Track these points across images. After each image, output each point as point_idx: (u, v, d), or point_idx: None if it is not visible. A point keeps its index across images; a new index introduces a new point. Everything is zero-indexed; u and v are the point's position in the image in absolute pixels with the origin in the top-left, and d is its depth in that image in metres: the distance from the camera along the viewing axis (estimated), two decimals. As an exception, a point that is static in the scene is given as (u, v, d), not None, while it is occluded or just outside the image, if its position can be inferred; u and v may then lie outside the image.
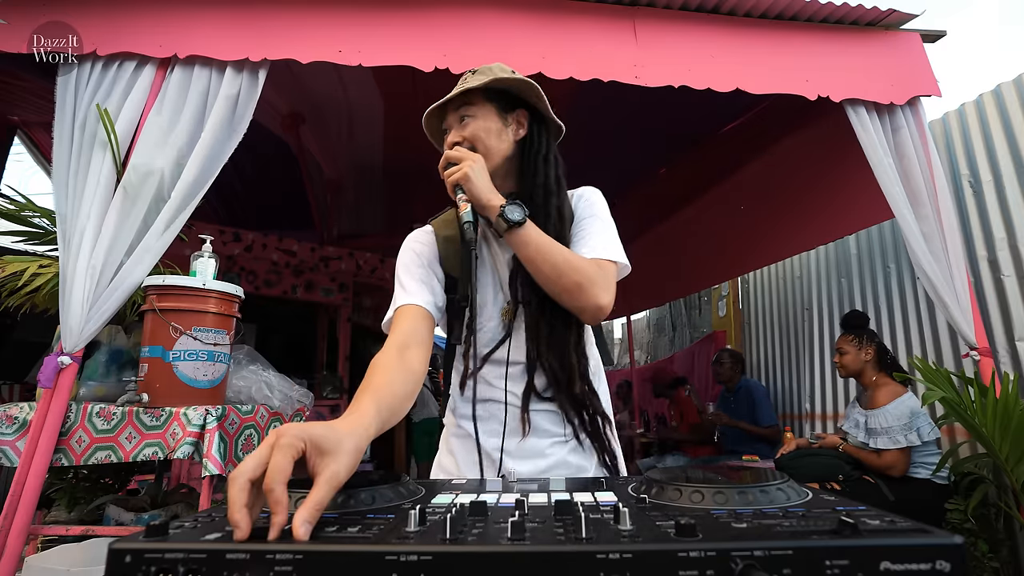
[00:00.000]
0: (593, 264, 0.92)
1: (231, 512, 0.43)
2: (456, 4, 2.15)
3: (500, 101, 1.00)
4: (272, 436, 0.49)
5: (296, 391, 2.11)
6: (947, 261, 2.22)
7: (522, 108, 1.02)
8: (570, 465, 0.95)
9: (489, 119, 0.98)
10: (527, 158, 1.00)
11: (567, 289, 0.90)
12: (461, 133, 0.98)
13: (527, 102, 1.02)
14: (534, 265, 0.90)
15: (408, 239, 1.06)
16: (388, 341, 0.89)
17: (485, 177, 0.93)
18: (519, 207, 0.90)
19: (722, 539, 0.39)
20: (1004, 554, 2.33)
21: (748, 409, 3.59)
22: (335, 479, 0.49)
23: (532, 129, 1.01)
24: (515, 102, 1.01)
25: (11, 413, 1.65)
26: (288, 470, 0.47)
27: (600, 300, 0.89)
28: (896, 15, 2.37)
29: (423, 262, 1.01)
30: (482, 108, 0.98)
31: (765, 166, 3.62)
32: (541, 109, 1.02)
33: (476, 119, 0.98)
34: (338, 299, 4.87)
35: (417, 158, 4.09)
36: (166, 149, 1.89)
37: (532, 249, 0.90)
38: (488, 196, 0.92)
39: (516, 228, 0.89)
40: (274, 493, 0.45)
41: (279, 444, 0.48)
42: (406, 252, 1.03)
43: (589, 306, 0.90)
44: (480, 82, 0.96)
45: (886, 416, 2.36)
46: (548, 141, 1.02)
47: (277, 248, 4.50)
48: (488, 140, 0.97)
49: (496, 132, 0.98)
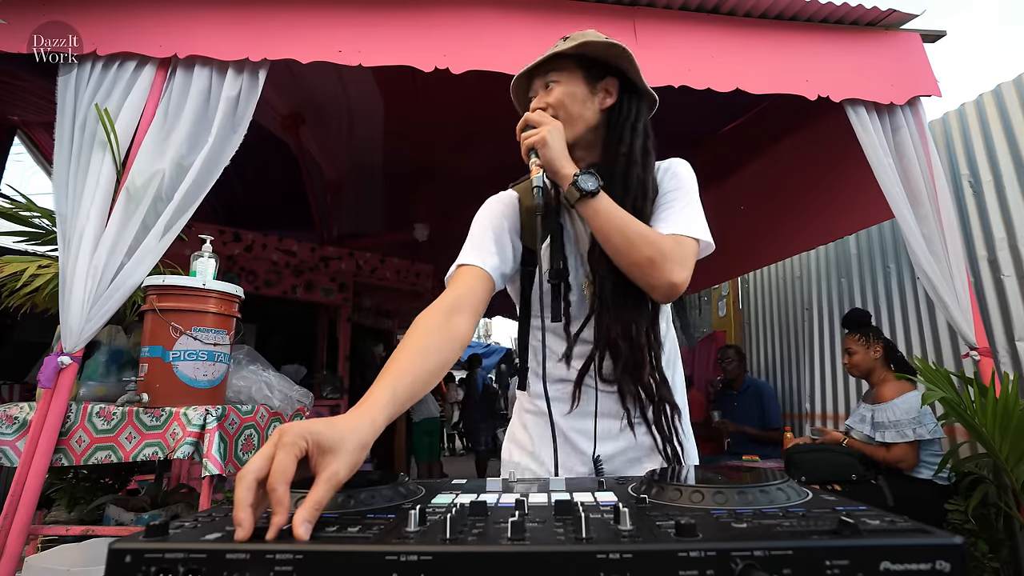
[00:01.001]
0: (670, 239, 0.87)
1: (236, 511, 0.43)
2: (456, 4, 2.15)
3: (589, 68, 0.96)
4: (276, 435, 0.49)
5: (296, 391, 2.11)
6: (947, 261, 2.22)
7: (612, 76, 0.97)
8: (639, 449, 0.94)
9: (575, 85, 0.95)
10: (612, 126, 0.96)
11: (638, 263, 0.85)
12: (545, 99, 0.95)
13: (619, 69, 0.97)
14: (604, 236, 0.87)
15: (491, 199, 1.02)
16: (440, 299, 0.84)
17: (562, 144, 0.90)
18: (593, 176, 0.86)
19: (722, 539, 0.39)
20: (1004, 554, 2.33)
21: (756, 410, 3.52)
22: (334, 478, 0.49)
23: (622, 97, 0.97)
24: (605, 69, 0.97)
25: (11, 413, 1.65)
26: (291, 469, 0.47)
27: (673, 277, 0.84)
28: (896, 15, 2.37)
29: (503, 226, 0.97)
30: (569, 74, 0.95)
31: (765, 166, 3.62)
32: (633, 77, 0.97)
33: (561, 84, 0.95)
34: (338, 299, 4.87)
35: (417, 158, 4.10)
36: (167, 150, 1.88)
37: (603, 219, 0.86)
38: (562, 163, 0.89)
39: (588, 198, 0.86)
40: (276, 493, 0.45)
41: (282, 443, 0.48)
42: (486, 210, 0.99)
43: (661, 283, 0.85)
44: (568, 46, 0.93)
45: (894, 410, 2.36)
46: (638, 109, 0.98)
47: (277, 248, 4.50)
48: (572, 107, 0.94)
49: (581, 99, 0.95)
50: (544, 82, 0.97)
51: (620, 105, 0.97)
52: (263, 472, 0.46)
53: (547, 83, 0.96)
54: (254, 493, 0.45)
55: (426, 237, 4.88)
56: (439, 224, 4.95)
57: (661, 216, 0.93)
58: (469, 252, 0.92)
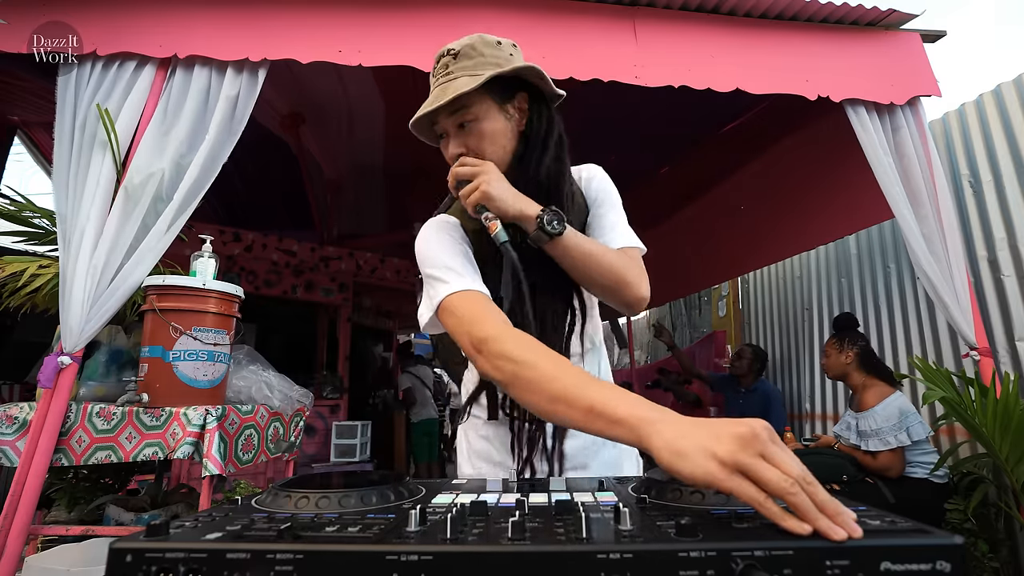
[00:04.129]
0: (624, 256, 0.88)
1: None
2: (456, 4, 2.15)
3: (498, 91, 0.87)
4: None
5: (296, 391, 2.11)
6: (947, 261, 2.22)
7: (521, 91, 0.89)
8: (595, 440, 0.93)
9: (492, 118, 0.87)
10: (531, 143, 0.89)
11: (610, 288, 0.87)
12: (464, 142, 0.88)
13: (526, 81, 0.90)
14: (575, 269, 0.86)
15: (440, 225, 0.93)
16: (498, 319, 0.77)
17: (505, 186, 0.84)
18: (556, 216, 0.82)
19: (723, 539, 0.39)
20: (1004, 554, 2.33)
21: (761, 413, 3.49)
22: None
23: (532, 112, 0.90)
24: (512, 85, 0.88)
25: (11, 413, 1.65)
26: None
27: (642, 291, 0.87)
28: (896, 15, 2.37)
29: (467, 252, 0.90)
30: (481, 106, 0.86)
31: (765, 166, 3.62)
32: (543, 88, 0.90)
33: (478, 122, 0.86)
34: (338, 299, 4.88)
35: (417, 158, 4.10)
36: (167, 150, 1.89)
37: (573, 254, 0.84)
38: (519, 207, 0.83)
39: (556, 238, 0.82)
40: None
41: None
42: (446, 237, 0.90)
43: (634, 300, 0.87)
44: (472, 83, 0.82)
45: (875, 418, 2.37)
46: (549, 118, 0.91)
47: (277, 248, 4.51)
48: (495, 144, 0.88)
49: (502, 131, 0.88)
50: (454, 121, 0.87)
51: (531, 119, 0.90)
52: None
53: (459, 122, 0.87)
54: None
55: (425, 235, 4.87)
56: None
57: (603, 229, 0.94)
58: (463, 279, 0.83)
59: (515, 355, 0.70)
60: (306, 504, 0.52)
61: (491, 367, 0.73)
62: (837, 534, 0.39)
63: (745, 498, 0.44)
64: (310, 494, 0.53)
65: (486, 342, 0.74)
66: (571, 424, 0.63)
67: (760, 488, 0.44)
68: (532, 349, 0.71)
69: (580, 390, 0.62)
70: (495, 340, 0.73)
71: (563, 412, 0.63)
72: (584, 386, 0.62)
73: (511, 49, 0.89)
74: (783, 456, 0.45)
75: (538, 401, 0.66)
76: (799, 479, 0.43)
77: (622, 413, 0.56)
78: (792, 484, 0.43)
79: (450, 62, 0.87)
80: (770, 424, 0.48)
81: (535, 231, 0.83)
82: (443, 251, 0.87)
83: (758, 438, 0.46)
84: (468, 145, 0.88)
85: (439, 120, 0.89)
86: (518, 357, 0.70)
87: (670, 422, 0.53)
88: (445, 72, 0.87)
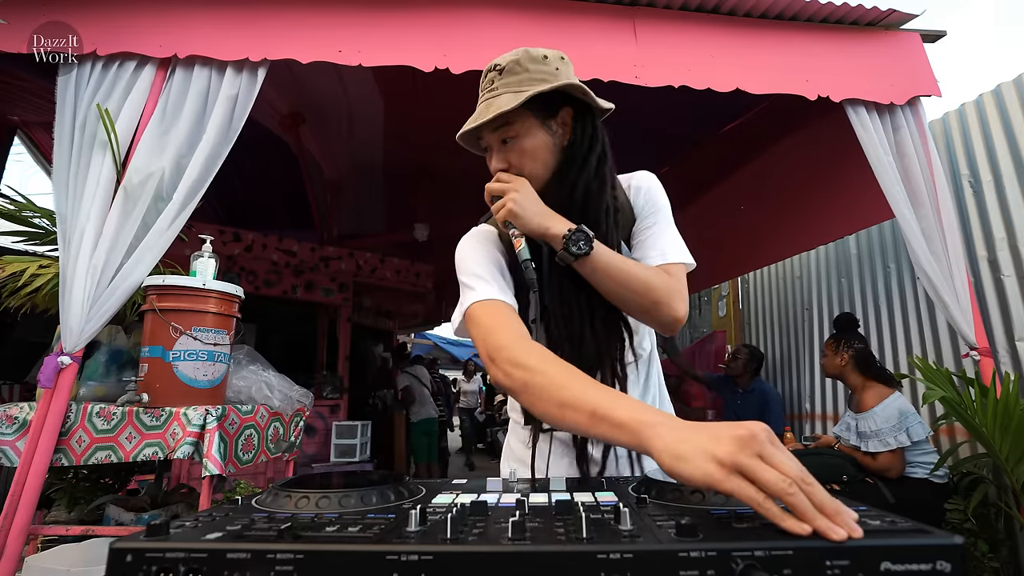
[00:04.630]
0: (665, 276, 0.86)
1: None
2: (456, 4, 2.15)
3: (541, 108, 0.87)
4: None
5: (296, 391, 2.11)
6: (947, 261, 2.22)
7: (566, 106, 0.89)
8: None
9: (533, 135, 0.87)
10: (572, 159, 0.89)
11: (644, 309, 0.86)
12: (506, 158, 0.89)
13: (570, 96, 0.89)
14: (606, 290, 0.85)
15: (477, 236, 0.94)
16: (516, 330, 0.78)
17: (535, 204, 0.84)
18: (583, 236, 0.81)
19: (723, 539, 0.39)
20: (1004, 554, 2.33)
21: (758, 414, 3.48)
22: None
23: (576, 128, 0.90)
24: (556, 100, 0.88)
25: (11, 413, 1.65)
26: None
27: (678, 312, 0.85)
28: (896, 15, 2.37)
29: (502, 264, 0.90)
30: (523, 123, 0.86)
31: (765, 166, 3.62)
32: (588, 101, 0.90)
33: (519, 139, 0.87)
34: (338, 299, 4.88)
35: (417, 158, 4.10)
36: (166, 149, 1.89)
37: (601, 275, 0.83)
38: (545, 226, 0.83)
39: (583, 258, 0.82)
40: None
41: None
42: (482, 247, 0.91)
43: (667, 320, 0.86)
44: (514, 101, 0.82)
45: (875, 419, 2.37)
46: (593, 132, 0.90)
47: (277, 248, 4.51)
48: (537, 161, 0.88)
49: (544, 147, 0.88)
50: (497, 137, 0.88)
51: (575, 135, 0.90)
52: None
53: (502, 138, 0.88)
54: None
55: (426, 237, 4.88)
56: (439, 224, 4.95)
57: (646, 244, 0.92)
58: (490, 287, 0.84)
59: (526, 363, 0.71)
60: (306, 504, 0.52)
61: (503, 375, 0.74)
62: (836, 534, 0.39)
63: (744, 499, 0.44)
64: (310, 494, 0.53)
65: (500, 351, 0.75)
66: (579, 429, 0.64)
67: (759, 489, 0.44)
68: (542, 358, 0.72)
69: (585, 395, 0.63)
70: (508, 349, 0.74)
71: (571, 417, 0.64)
72: (590, 391, 0.63)
73: (558, 63, 0.88)
74: (781, 457, 0.45)
75: (548, 407, 0.67)
76: (797, 480, 0.43)
77: (624, 417, 0.57)
78: (790, 484, 0.43)
79: (496, 78, 0.88)
80: (768, 424, 0.48)
81: (560, 251, 0.83)
82: (476, 260, 0.89)
83: (756, 439, 0.46)
84: (510, 161, 0.89)
85: (483, 135, 0.90)
86: (529, 365, 0.71)
87: (670, 426, 0.53)
88: (491, 88, 0.88)
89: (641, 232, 0.94)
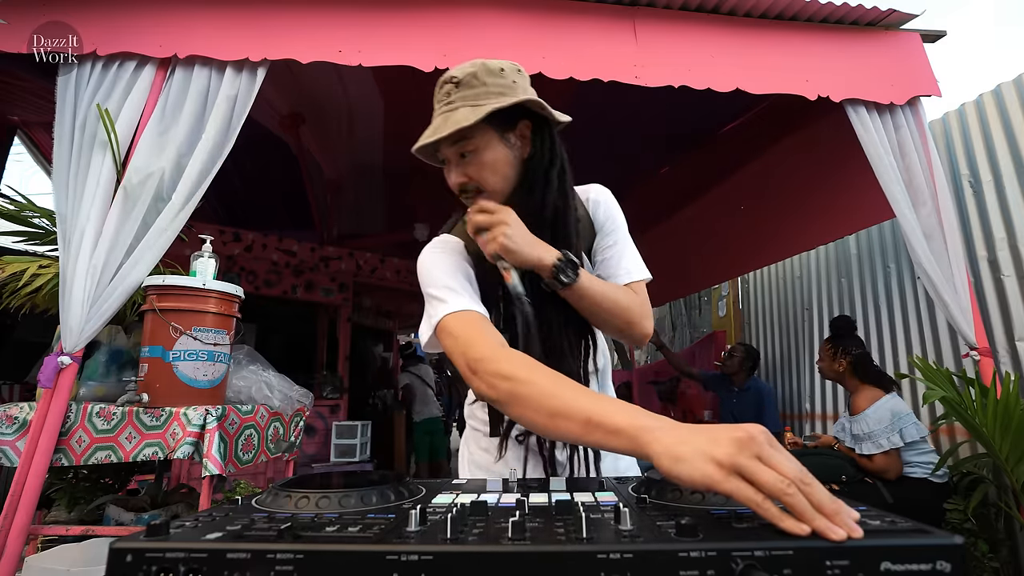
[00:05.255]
0: (632, 294, 0.91)
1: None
2: (456, 4, 2.15)
3: (499, 122, 0.86)
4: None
5: (296, 391, 2.12)
6: (948, 260, 2.22)
7: (524, 120, 0.88)
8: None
9: (492, 148, 0.86)
10: (532, 172, 0.89)
11: (619, 329, 0.91)
12: (465, 172, 0.87)
13: (528, 110, 0.89)
14: (588, 312, 0.89)
15: (443, 246, 0.94)
16: (494, 340, 0.77)
17: (525, 235, 0.83)
18: (572, 266, 0.83)
19: (723, 539, 0.39)
20: (1004, 554, 2.33)
21: (754, 411, 3.51)
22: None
23: (535, 141, 0.89)
24: (514, 114, 0.87)
25: (11, 413, 1.65)
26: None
27: (647, 329, 0.92)
28: (896, 15, 2.37)
29: (470, 274, 0.90)
30: (481, 137, 0.85)
31: (765, 166, 3.62)
32: (545, 115, 0.89)
33: (478, 152, 0.86)
34: (338, 299, 4.88)
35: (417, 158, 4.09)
36: (166, 149, 1.89)
37: (586, 302, 0.87)
38: (537, 257, 0.83)
39: (570, 285, 0.84)
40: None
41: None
42: (448, 258, 0.91)
43: (638, 336, 0.92)
44: (474, 109, 0.82)
45: (867, 421, 2.38)
46: (552, 145, 0.90)
47: (277, 248, 4.51)
48: (496, 175, 0.87)
49: (504, 160, 0.87)
50: (456, 150, 0.87)
51: (535, 148, 0.89)
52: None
53: (460, 152, 0.86)
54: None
55: (426, 237, 4.84)
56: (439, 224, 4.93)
57: (611, 263, 0.95)
58: (461, 298, 0.83)
59: (511, 373, 0.70)
60: (306, 504, 0.52)
61: (486, 386, 0.72)
62: (836, 534, 0.39)
63: (743, 500, 0.44)
64: (310, 494, 0.53)
65: (481, 362, 0.74)
66: (571, 438, 0.63)
67: (758, 490, 0.44)
68: (528, 367, 0.71)
69: (578, 403, 0.62)
70: (490, 360, 0.73)
71: (563, 426, 0.63)
72: (581, 399, 0.63)
73: (515, 75, 0.87)
74: (780, 458, 0.45)
75: (536, 417, 0.66)
76: (795, 480, 0.43)
77: (621, 423, 0.57)
78: (788, 485, 0.43)
79: (452, 90, 0.86)
80: (765, 423, 0.48)
81: (549, 279, 0.85)
82: (444, 271, 0.87)
83: (755, 441, 0.46)
84: (469, 174, 0.88)
85: (441, 149, 0.89)
86: (514, 375, 0.69)
87: (668, 429, 0.53)
88: (447, 101, 0.86)
89: (604, 250, 0.97)
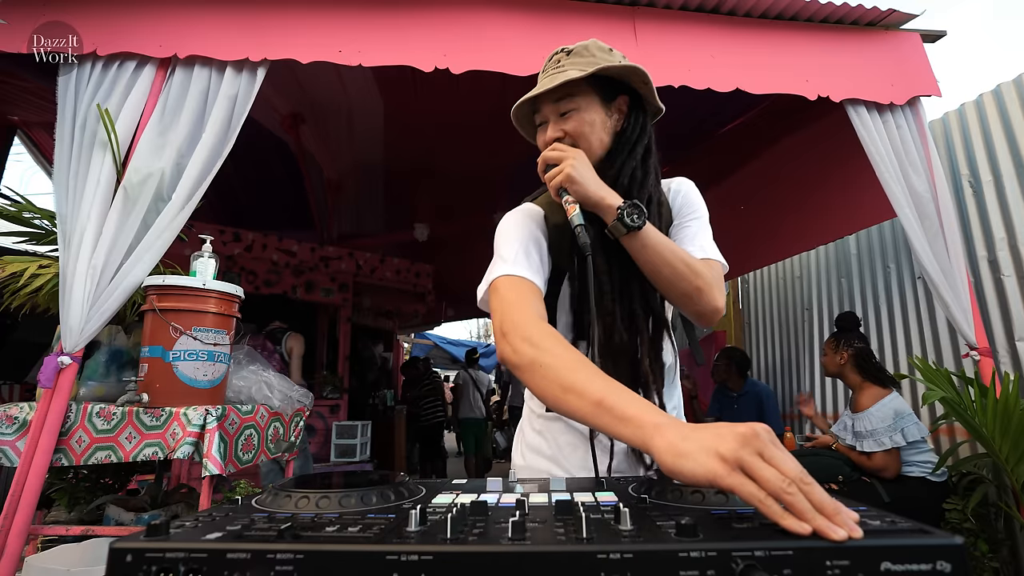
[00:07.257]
0: (707, 266, 0.87)
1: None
2: (456, 4, 2.15)
3: (603, 88, 0.90)
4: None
5: (296, 391, 2.11)
6: (948, 260, 2.22)
7: (623, 94, 0.92)
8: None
9: (592, 111, 0.89)
10: (621, 145, 0.91)
11: (687, 293, 0.85)
12: (562, 127, 0.90)
13: (629, 86, 0.92)
14: (652, 268, 0.85)
15: (520, 214, 0.94)
16: (534, 309, 0.78)
17: (590, 174, 0.85)
18: (638, 210, 0.82)
19: (723, 539, 0.39)
20: (1004, 554, 2.33)
21: (755, 414, 3.47)
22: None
23: (630, 117, 0.92)
24: (618, 87, 0.91)
25: (11, 413, 1.65)
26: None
27: (719, 302, 0.86)
28: (896, 15, 2.37)
29: (541, 244, 0.90)
30: (585, 98, 0.89)
31: (765, 166, 3.62)
32: (646, 95, 0.92)
33: (579, 111, 0.89)
34: (338, 299, 4.88)
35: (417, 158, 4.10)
36: (166, 149, 1.89)
37: (651, 253, 0.83)
38: (600, 195, 0.84)
39: (635, 231, 0.82)
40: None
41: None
42: (522, 225, 0.91)
43: (708, 310, 0.86)
44: (584, 71, 0.85)
45: (870, 419, 2.38)
46: (643, 126, 0.93)
47: (277, 248, 4.50)
48: (592, 136, 0.89)
49: (600, 124, 0.90)
50: (557, 108, 0.90)
51: (627, 123, 0.92)
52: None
53: (561, 110, 0.90)
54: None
55: (426, 237, 4.88)
56: (439, 224, 4.95)
57: (685, 239, 0.93)
58: (521, 264, 0.84)
59: (538, 341, 0.71)
60: (306, 504, 0.52)
61: (511, 350, 0.73)
62: (836, 534, 0.39)
63: (745, 495, 0.44)
64: (310, 494, 0.53)
65: (515, 326, 0.75)
66: (579, 416, 0.63)
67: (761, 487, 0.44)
68: (555, 340, 0.71)
69: (593, 383, 0.63)
70: (522, 326, 0.74)
71: (574, 403, 0.63)
72: (598, 381, 0.63)
73: (622, 59, 0.91)
74: (782, 457, 0.45)
75: (550, 388, 0.67)
76: (796, 479, 0.43)
77: (630, 412, 0.57)
78: (789, 484, 0.43)
79: (562, 58, 0.90)
80: (766, 423, 0.48)
81: (613, 221, 0.83)
82: (515, 236, 0.88)
83: (759, 437, 0.46)
84: (566, 130, 0.90)
85: (541, 108, 0.92)
86: (540, 343, 0.70)
87: (674, 427, 0.53)
88: (557, 65, 0.90)
89: (680, 230, 0.95)
